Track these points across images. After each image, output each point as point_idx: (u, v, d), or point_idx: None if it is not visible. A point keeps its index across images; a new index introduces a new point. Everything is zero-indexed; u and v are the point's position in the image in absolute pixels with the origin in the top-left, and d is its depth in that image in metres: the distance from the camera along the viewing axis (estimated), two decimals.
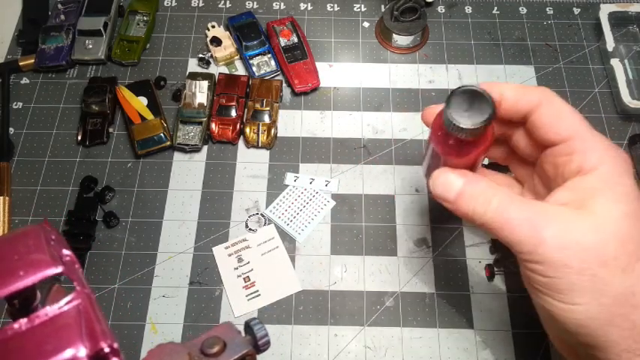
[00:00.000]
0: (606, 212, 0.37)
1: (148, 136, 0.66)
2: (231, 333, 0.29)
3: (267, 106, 0.68)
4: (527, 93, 0.42)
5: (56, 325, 0.23)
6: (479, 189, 0.40)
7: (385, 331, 0.57)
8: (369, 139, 0.68)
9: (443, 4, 0.80)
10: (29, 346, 0.22)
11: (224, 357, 0.28)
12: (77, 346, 0.22)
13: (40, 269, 0.23)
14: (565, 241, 0.36)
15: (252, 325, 0.30)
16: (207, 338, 0.29)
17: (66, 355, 0.22)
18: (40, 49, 0.72)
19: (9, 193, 0.64)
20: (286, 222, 0.63)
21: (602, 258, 0.35)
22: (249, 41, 0.73)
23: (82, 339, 0.22)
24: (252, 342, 0.29)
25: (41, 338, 0.22)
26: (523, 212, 0.38)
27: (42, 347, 0.22)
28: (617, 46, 0.72)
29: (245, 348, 0.28)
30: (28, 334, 0.23)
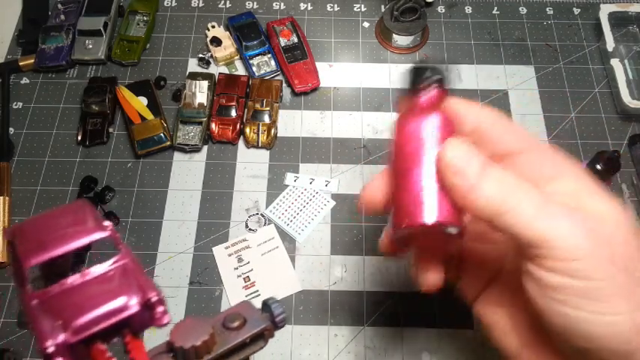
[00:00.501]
0: (601, 210, 0.32)
1: (148, 136, 0.66)
2: (250, 310, 0.32)
3: (267, 106, 0.68)
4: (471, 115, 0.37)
5: (107, 279, 0.26)
6: (502, 171, 0.32)
7: (385, 331, 0.57)
8: (369, 139, 0.68)
9: (443, 4, 0.80)
10: (84, 296, 0.25)
11: (244, 331, 0.30)
12: (129, 295, 0.25)
13: (90, 233, 0.26)
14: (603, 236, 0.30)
15: (270, 304, 0.32)
16: (228, 314, 0.31)
17: (119, 303, 0.25)
18: (40, 49, 0.72)
19: (9, 193, 0.64)
20: (286, 222, 0.63)
21: (624, 257, 0.30)
22: (249, 41, 0.73)
23: (132, 290, 0.25)
24: (270, 318, 0.31)
25: (94, 290, 0.25)
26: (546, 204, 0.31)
27: (96, 296, 0.25)
28: (617, 46, 0.72)
29: (264, 323, 0.31)
30: (81, 287, 0.26)
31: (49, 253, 0.25)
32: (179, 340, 0.28)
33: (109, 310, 0.25)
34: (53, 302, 0.25)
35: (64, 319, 0.24)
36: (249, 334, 0.30)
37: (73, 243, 0.26)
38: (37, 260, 0.25)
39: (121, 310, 0.25)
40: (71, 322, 0.24)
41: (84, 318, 0.24)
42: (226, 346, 0.29)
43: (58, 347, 0.23)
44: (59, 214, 0.27)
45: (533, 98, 0.71)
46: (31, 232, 0.26)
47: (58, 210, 0.28)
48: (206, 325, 0.29)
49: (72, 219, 0.27)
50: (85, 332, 0.24)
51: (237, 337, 0.30)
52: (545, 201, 0.31)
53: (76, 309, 0.24)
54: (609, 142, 0.68)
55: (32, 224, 0.27)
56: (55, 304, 0.25)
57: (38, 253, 0.25)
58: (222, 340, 0.29)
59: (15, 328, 0.57)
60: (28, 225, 0.27)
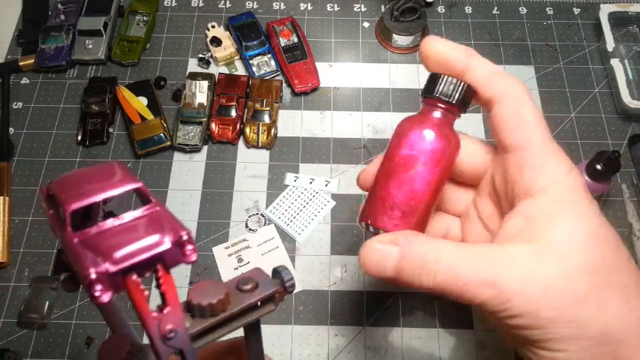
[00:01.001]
0: (565, 241, 0.32)
1: (148, 136, 0.66)
2: (262, 276, 0.34)
3: (267, 106, 0.68)
4: (496, 81, 0.36)
5: (141, 222, 0.28)
6: (418, 254, 0.33)
7: (385, 331, 0.57)
8: (369, 139, 0.68)
9: (443, 4, 0.80)
10: (121, 234, 0.28)
11: (257, 293, 0.32)
12: (162, 234, 0.28)
13: (125, 184, 0.29)
14: (532, 291, 0.31)
15: (280, 271, 0.34)
16: (241, 278, 0.33)
17: (153, 239, 0.27)
18: (40, 49, 0.72)
19: (9, 193, 0.64)
20: (286, 222, 0.63)
21: (574, 299, 0.31)
22: (249, 41, 0.73)
23: (164, 230, 0.28)
24: (281, 284, 0.33)
25: (130, 230, 0.28)
26: (477, 267, 0.32)
27: (133, 234, 0.27)
28: (617, 46, 0.72)
29: (275, 287, 0.33)
30: (118, 228, 0.28)
31: (88, 199, 0.28)
32: (197, 297, 0.30)
33: (145, 245, 0.27)
34: (92, 241, 0.27)
35: (104, 252, 0.26)
36: (262, 296, 0.32)
37: (110, 191, 0.28)
38: (78, 204, 0.27)
39: (155, 245, 0.27)
40: (111, 255, 0.26)
41: (122, 251, 0.26)
42: (240, 305, 0.31)
43: (99, 275, 0.25)
44: (93, 170, 0.30)
45: (533, 98, 0.71)
46: (69, 184, 0.29)
47: (91, 167, 0.31)
48: (222, 286, 0.31)
49: (105, 174, 0.30)
50: (123, 263, 0.26)
51: (250, 298, 0.32)
52: (457, 272, 0.32)
53: (115, 244, 0.27)
54: (609, 142, 0.68)
55: (68, 178, 0.29)
56: (94, 242, 0.27)
57: (78, 198, 0.28)
58: (236, 300, 0.31)
59: (15, 328, 0.57)
60: (64, 179, 0.29)
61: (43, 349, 0.56)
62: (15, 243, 0.61)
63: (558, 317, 0.31)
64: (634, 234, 0.61)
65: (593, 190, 0.58)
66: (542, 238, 0.32)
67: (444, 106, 0.35)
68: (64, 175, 0.30)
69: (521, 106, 0.35)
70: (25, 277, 0.59)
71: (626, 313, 0.32)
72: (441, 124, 0.35)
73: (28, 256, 0.61)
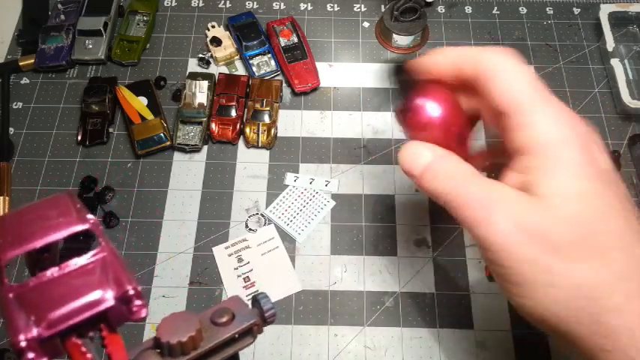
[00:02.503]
0: (555, 194, 0.33)
1: (148, 136, 0.66)
2: (240, 306, 0.31)
3: (267, 106, 0.68)
4: (467, 58, 0.38)
5: (85, 273, 0.26)
6: (445, 165, 0.37)
7: (385, 331, 0.57)
8: (369, 139, 0.68)
9: (443, 4, 0.80)
10: (61, 289, 0.25)
11: (233, 326, 0.30)
12: (105, 289, 0.25)
13: (70, 225, 0.26)
14: (514, 227, 0.33)
15: (260, 299, 0.31)
16: (217, 309, 0.30)
17: (94, 297, 0.25)
18: (40, 49, 0.72)
19: (9, 193, 0.64)
20: (286, 222, 0.63)
21: (553, 245, 0.32)
22: (249, 41, 0.73)
23: (108, 283, 0.25)
24: (260, 314, 0.31)
25: (72, 283, 0.25)
26: (479, 192, 0.35)
27: (73, 290, 0.25)
28: (617, 46, 0.72)
29: (252, 319, 0.30)
30: (59, 280, 0.25)
31: (26, 246, 0.25)
32: (165, 335, 0.28)
33: (84, 303, 0.25)
34: (29, 296, 0.25)
35: (38, 313, 0.24)
36: (237, 330, 0.30)
37: (53, 235, 0.26)
38: (14, 253, 0.25)
39: (96, 303, 0.25)
40: (45, 317, 0.24)
41: (58, 312, 0.24)
42: (213, 341, 0.29)
43: (30, 342, 0.23)
44: (42, 207, 0.27)
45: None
46: (11, 226, 0.26)
47: (40, 203, 0.28)
48: (193, 320, 0.29)
49: (54, 211, 0.27)
50: (58, 327, 0.24)
51: (225, 332, 0.30)
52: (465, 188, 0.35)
53: (51, 303, 0.24)
54: (609, 142, 0.68)
55: (13, 218, 0.27)
56: (30, 298, 0.25)
57: (16, 246, 0.25)
58: (210, 335, 0.29)
59: None
60: (8, 218, 0.27)
61: None
62: None
63: (534, 258, 0.32)
64: None
65: None
66: (534, 190, 0.34)
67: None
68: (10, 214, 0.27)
69: (505, 72, 0.37)
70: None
71: (604, 270, 0.32)
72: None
73: None
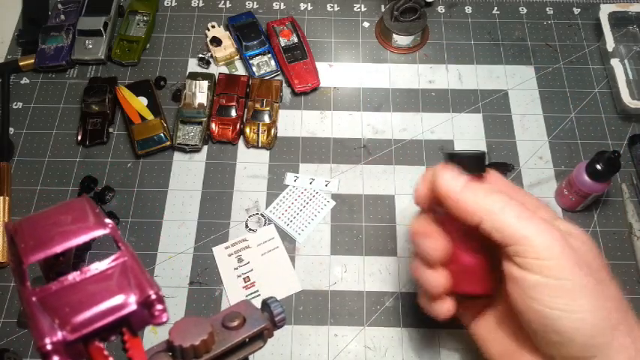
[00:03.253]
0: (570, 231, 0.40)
1: (148, 136, 0.66)
2: (250, 310, 0.32)
3: (267, 106, 0.68)
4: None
5: (106, 277, 0.26)
6: (481, 185, 0.40)
7: (385, 331, 0.57)
8: (369, 139, 0.68)
9: (443, 4, 0.80)
10: (83, 293, 0.25)
11: (244, 330, 0.30)
12: (127, 293, 0.25)
13: (90, 230, 0.26)
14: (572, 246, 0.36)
15: (270, 303, 0.32)
16: (228, 313, 0.31)
17: (117, 301, 0.25)
18: (40, 49, 0.72)
19: (9, 193, 0.64)
20: (286, 222, 0.63)
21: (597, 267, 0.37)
22: (249, 41, 0.73)
23: (130, 288, 0.25)
24: (270, 318, 0.31)
25: (93, 287, 0.25)
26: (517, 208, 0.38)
27: (96, 295, 0.25)
28: (617, 46, 0.72)
29: (263, 323, 0.31)
30: (81, 284, 0.25)
31: (48, 251, 0.25)
32: (178, 338, 0.28)
33: (107, 308, 0.25)
34: (52, 300, 0.25)
35: (62, 317, 0.24)
36: (249, 334, 0.30)
37: (73, 240, 0.26)
38: (36, 258, 0.25)
39: (119, 308, 0.25)
40: (69, 320, 0.24)
41: (81, 316, 0.24)
42: (225, 345, 0.29)
43: (55, 345, 0.23)
44: (60, 211, 0.27)
45: (533, 98, 0.71)
46: (31, 229, 0.26)
47: (58, 207, 0.28)
48: (205, 324, 0.29)
49: (72, 216, 0.27)
50: (82, 330, 0.24)
51: (236, 336, 0.30)
52: (525, 210, 0.37)
53: (74, 307, 0.24)
54: (609, 142, 0.68)
55: (32, 221, 0.27)
56: (53, 302, 0.25)
57: (38, 250, 0.25)
58: (221, 339, 0.29)
59: (15, 328, 0.57)
60: (28, 222, 0.27)
61: None
62: None
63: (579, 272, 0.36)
64: (634, 234, 0.61)
65: (593, 190, 0.58)
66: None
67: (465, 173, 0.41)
68: (28, 217, 0.27)
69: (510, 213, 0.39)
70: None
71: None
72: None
73: None
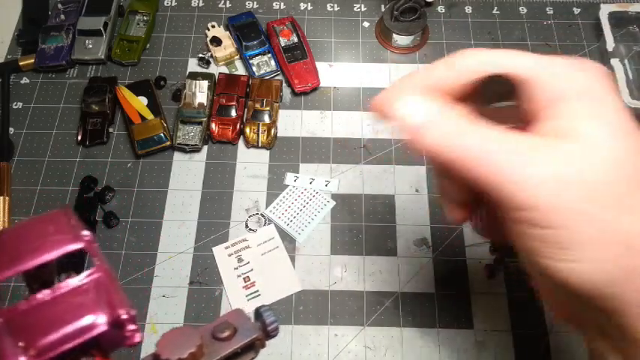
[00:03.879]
0: (592, 134, 0.28)
1: (148, 136, 0.66)
2: (242, 319, 0.31)
3: (267, 106, 0.68)
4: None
5: (77, 295, 0.25)
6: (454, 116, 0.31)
7: (385, 331, 0.57)
8: (369, 139, 0.68)
9: (443, 4, 0.80)
10: (52, 313, 0.24)
11: (235, 341, 0.29)
12: (97, 314, 0.24)
13: (64, 244, 0.25)
14: (553, 177, 0.27)
15: (262, 312, 0.31)
16: (218, 324, 0.30)
17: (86, 322, 0.24)
18: (40, 49, 0.72)
19: (9, 193, 0.64)
20: (286, 222, 0.63)
21: (606, 194, 0.27)
22: (249, 41, 0.73)
23: (101, 307, 0.25)
24: (262, 327, 0.31)
25: (63, 307, 0.25)
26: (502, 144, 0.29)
27: (64, 315, 0.24)
28: (617, 46, 0.72)
29: (255, 333, 0.30)
30: (51, 303, 0.25)
31: (17, 267, 0.24)
32: (165, 351, 0.27)
33: (75, 329, 0.24)
34: (19, 320, 0.24)
35: (28, 339, 0.23)
36: (239, 345, 0.29)
37: (45, 256, 0.25)
38: (4, 275, 0.24)
39: (88, 329, 0.24)
40: (34, 343, 0.23)
41: (47, 338, 0.23)
42: (215, 357, 0.29)
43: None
44: (37, 224, 0.27)
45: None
46: (7, 243, 0.26)
47: (37, 219, 0.27)
48: (195, 335, 0.28)
49: (49, 228, 0.26)
50: (48, 354, 0.23)
51: (227, 347, 0.29)
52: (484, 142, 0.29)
53: (41, 328, 0.24)
54: None
55: (10, 234, 0.26)
56: (20, 323, 0.24)
57: (8, 267, 0.24)
58: (211, 351, 0.29)
59: None
60: (5, 235, 0.26)
61: None
62: None
63: (585, 211, 0.27)
64: None
65: None
66: (572, 133, 0.28)
67: None
68: (6, 231, 0.26)
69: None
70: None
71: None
72: None
73: None
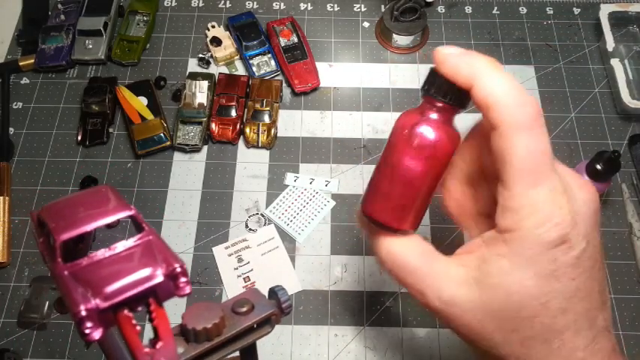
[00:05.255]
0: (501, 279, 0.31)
1: (148, 136, 0.66)
2: (258, 297, 0.33)
3: (267, 106, 0.68)
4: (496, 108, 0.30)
5: (133, 253, 0.28)
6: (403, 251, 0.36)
7: (385, 331, 0.57)
8: (369, 139, 0.68)
9: (443, 4, 0.80)
10: (112, 267, 0.27)
11: (252, 315, 0.32)
12: (154, 266, 0.27)
13: (117, 212, 0.28)
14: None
15: (277, 291, 0.34)
16: (237, 299, 0.32)
17: (145, 273, 0.26)
18: (40, 49, 0.72)
19: (9, 193, 0.64)
20: (286, 222, 0.63)
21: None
22: (249, 41, 0.73)
23: (157, 261, 0.27)
24: (277, 304, 0.33)
25: (121, 262, 0.27)
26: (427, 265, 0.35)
27: (123, 268, 0.26)
28: (617, 46, 0.72)
29: (271, 309, 0.32)
30: (109, 260, 0.27)
31: (80, 229, 0.27)
32: (191, 322, 0.30)
33: (137, 279, 0.26)
34: (83, 273, 0.26)
35: (94, 287, 0.26)
36: (258, 319, 0.32)
37: (101, 220, 0.27)
38: (69, 234, 0.27)
39: (147, 279, 0.26)
40: (101, 290, 0.25)
41: (113, 286, 0.26)
42: (236, 329, 0.31)
43: (89, 312, 0.25)
44: (85, 196, 0.29)
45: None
46: (59, 212, 0.28)
47: (83, 193, 0.30)
48: (217, 309, 0.31)
49: (97, 200, 0.29)
50: (114, 299, 0.25)
51: (245, 321, 0.31)
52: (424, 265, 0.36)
53: (106, 278, 0.26)
54: (609, 142, 0.68)
55: (60, 205, 0.29)
56: (85, 275, 0.26)
57: (69, 228, 0.27)
58: (232, 323, 0.31)
59: (15, 328, 0.57)
60: (56, 205, 0.29)
61: (43, 349, 0.56)
62: (15, 243, 0.61)
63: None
64: (634, 234, 0.61)
65: None
66: (481, 285, 0.32)
67: (441, 104, 0.34)
68: (55, 202, 0.29)
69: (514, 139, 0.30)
70: (25, 277, 0.59)
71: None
72: (439, 121, 0.34)
73: (28, 256, 0.61)
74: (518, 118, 0.30)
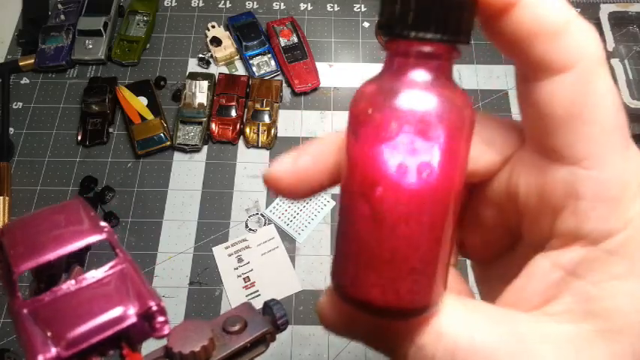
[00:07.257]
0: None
1: (148, 136, 0.66)
2: (251, 312, 0.31)
3: (267, 106, 0.68)
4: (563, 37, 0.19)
5: (103, 287, 0.24)
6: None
7: None
8: None
9: None
10: (78, 305, 0.23)
11: (245, 335, 0.29)
12: (126, 305, 0.23)
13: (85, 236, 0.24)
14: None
15: (272, 306, 0.31)
16: (228, 317, 0.30)
17: (116, 313, 0.23)
18: (40, 49, 0.72)
19: (9, 193, 0.64)
20: (286, 222, 0.63)
21: None
22: (249, 41, 0.73)
23: (129, 298, 0.24)
24: (272, 321, 0.31)
25: (89, 298, 0.23)
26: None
27: (92, 306, 0.23)
28: (617, 46, 0.72)
29: (266, 327, 0.30)
30: (76, 295, 0.24)
31: (41, 258, 0.24)
32: (177, 345, 0.27)
33: (105, 321, 0.23)
34: (45, 312, 0.23)
35: (56, 331, 0.22)
36: (250, 338, 0.29)
37: (68, 246, 0.24)
38: (28, 266, 0.24)
39: (118, 321, 0.23)
40: (63, 335, 0.22)
41: (77, 330, 0.22)
42: (226, 351, 0.29)
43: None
44: (53, 214, 0.26)
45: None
46: (23, 234, 0.25)
47: (51, 209, 0.26)
48: (205, 328, 0.28)
49: (66, 219, 0.25)
50: (78, 346, 0.22)
51: (237, 341, 0.29)
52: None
53: (69, 320, 0.23)
54: None
55: (24, 224, 0.25)
56: (46, 314, 0.23)
57: (30, 257, 0.24)
58: (222, 344, 0.29)
59: None
60: (19, 225, 0.25)
61: None
62: None
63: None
64: None
65: None
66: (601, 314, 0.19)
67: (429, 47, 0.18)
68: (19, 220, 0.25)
69: (600, 83, 0.20)
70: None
71: None
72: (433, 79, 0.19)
73: None
74: (600, 50, 0.19)
